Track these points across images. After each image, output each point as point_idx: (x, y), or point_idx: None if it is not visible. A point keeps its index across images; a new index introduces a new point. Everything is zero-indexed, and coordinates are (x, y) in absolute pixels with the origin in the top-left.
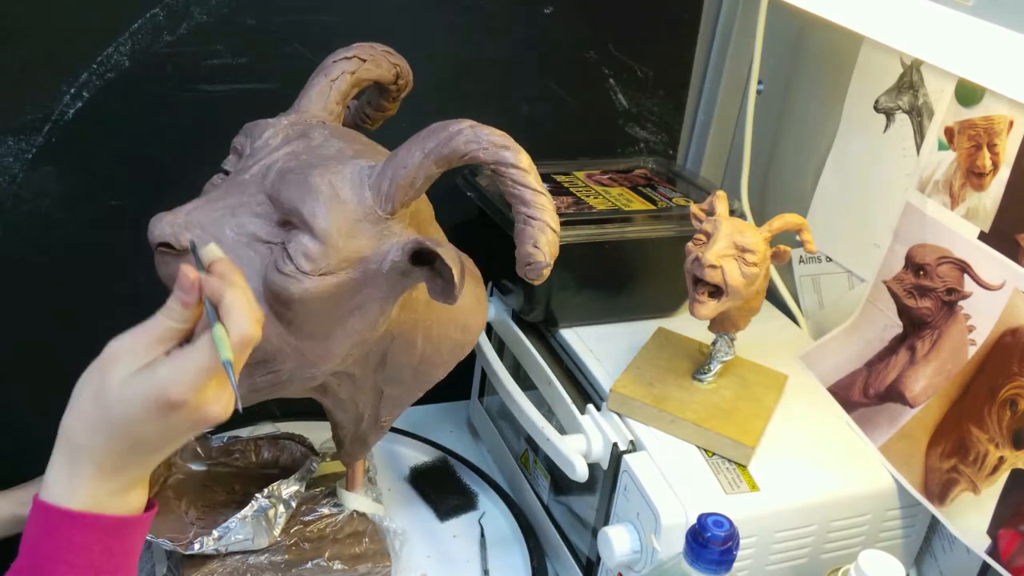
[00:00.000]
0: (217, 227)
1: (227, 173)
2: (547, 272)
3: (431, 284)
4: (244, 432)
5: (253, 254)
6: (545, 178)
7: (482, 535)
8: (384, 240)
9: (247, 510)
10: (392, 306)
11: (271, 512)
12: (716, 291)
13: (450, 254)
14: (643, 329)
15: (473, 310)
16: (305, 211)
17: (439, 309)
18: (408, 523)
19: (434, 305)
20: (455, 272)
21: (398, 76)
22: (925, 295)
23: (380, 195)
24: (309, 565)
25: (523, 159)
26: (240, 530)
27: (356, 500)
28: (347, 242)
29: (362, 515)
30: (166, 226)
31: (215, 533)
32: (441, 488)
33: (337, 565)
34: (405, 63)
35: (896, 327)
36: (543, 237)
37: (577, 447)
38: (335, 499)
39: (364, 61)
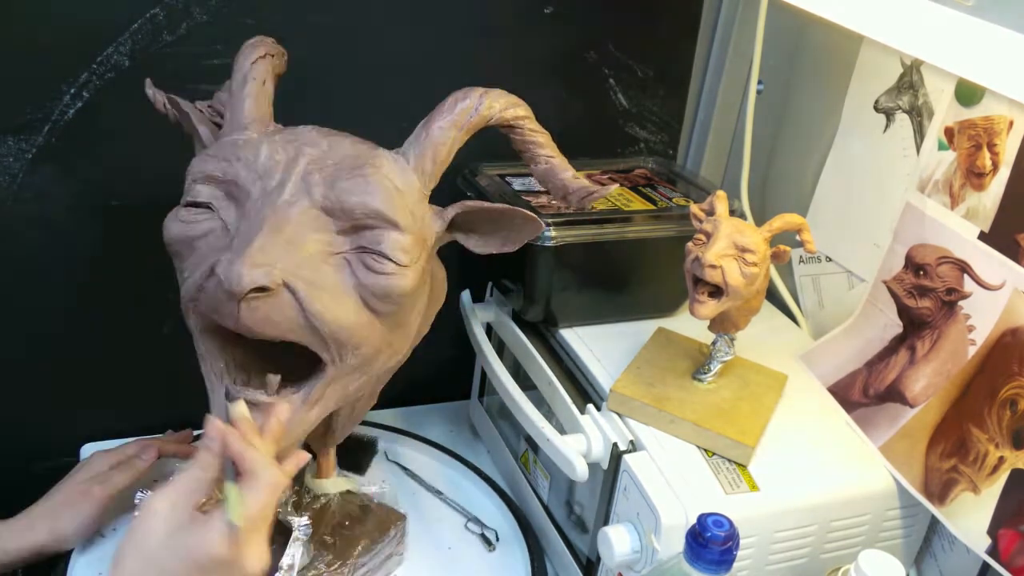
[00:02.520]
0: (291, 255)
1: (204, 205)
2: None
3: (468, 241)
4: None
5: (332, 269)
6: None
7: (403, 468)
8: (427, 215)
9: (298, 534)
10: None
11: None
12: (716, 291)
13: (506, 206)
14: (643, 329)
15: (443, 278)
16: (384, 209)
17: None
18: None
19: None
20: (530, 216)
21: (284, 65)
22: (925, 295)
23: (425, 176)
24: (359, 548)
25: (528, 109)
26: (304, 554)
27: (337, 483)
28: (417, 226)
29: (347, 492)
30: (253, 270)
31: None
32: (341, 448)
33: (377, 536)
34: (285, 52)
35: (896, 327)
36: (572, 168)
37: (577, 447)
38: (314, 493)
39: (274, 56)
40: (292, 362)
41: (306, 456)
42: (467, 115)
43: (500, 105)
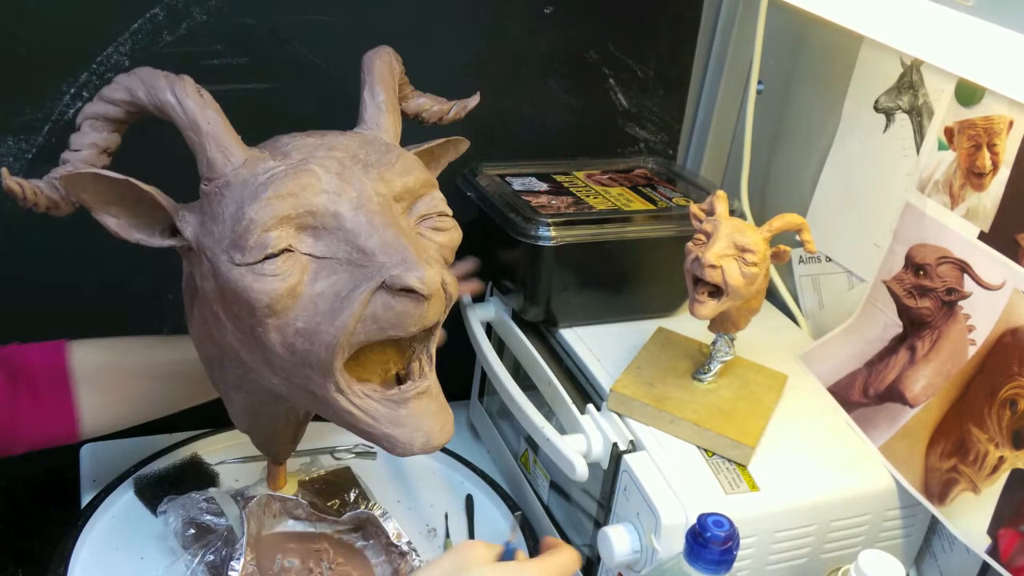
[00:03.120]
0: (427, 250)
1: (286, 251)
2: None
3: None
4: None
5: (425, 243)
6: (545, 178)
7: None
8: None
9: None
10: None
11: None
12: (716, 291)
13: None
14: (643, 329)
15: None
16: (428, 175)
17: None
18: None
19: None
20: (451, 139)
21: None
22: (925, 295)
23: (398, 136)
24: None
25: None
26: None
27: (291, 485)
28: None
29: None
30: (437, 268)
31: None
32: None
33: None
34: None
35: (896, 327)
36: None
37: (577, 447)
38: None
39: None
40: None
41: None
42: (395, 71)
43: (395, 55)
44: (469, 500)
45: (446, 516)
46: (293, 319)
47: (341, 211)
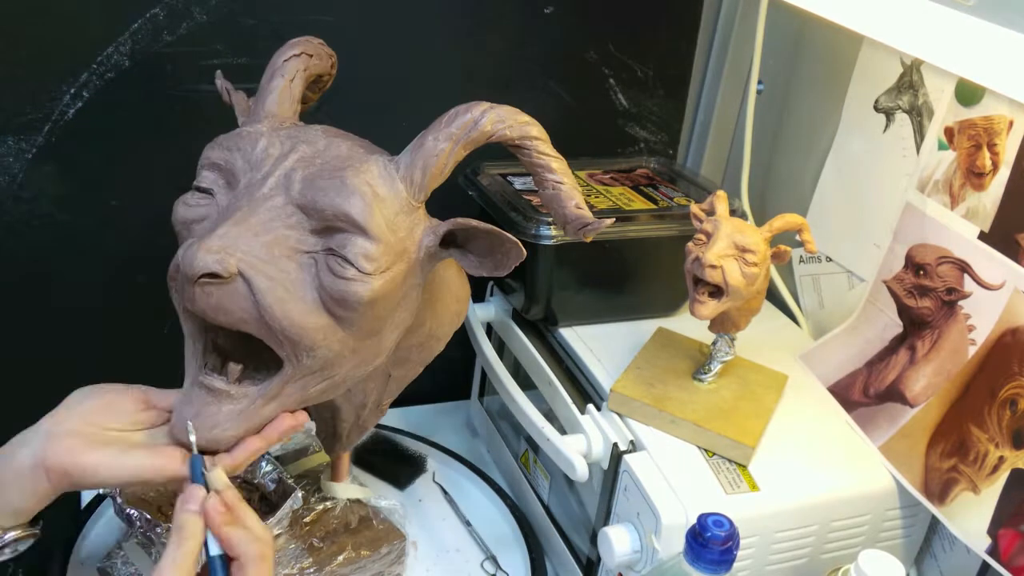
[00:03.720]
0: (253, 246)
1: (207, 191)
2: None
3: (464, 260)
4: None
5: (296, 267)
6: None
7: (444, 492)
8: (416, 228)
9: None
10: (421, 291)
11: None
12: (716, 291)
13: (493, 227)
14: (643, 329)
15: (462, 277)
16: (354, 213)
17: (439, 284)
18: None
19: (435, 281)
20: (514, 240)
21: (332, 67)
22: (925, 295)
23: (414, 186)
24: (340, 559)
25: (542, 131)
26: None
27: (347, 489)
28: (394, 236)
29: (356, 501)
30: (207, 255)
31: None
32: (389, 459)
33: (364, 552)
34: (334, 54)
35: (896, 327)
36: (579, 197)
37: (577, 447)
38: (322, 493)
39: (311, 56)
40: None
41: (254, 449)
42: (466, 129)
43: (506, 123)
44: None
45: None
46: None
47: (241, 181)
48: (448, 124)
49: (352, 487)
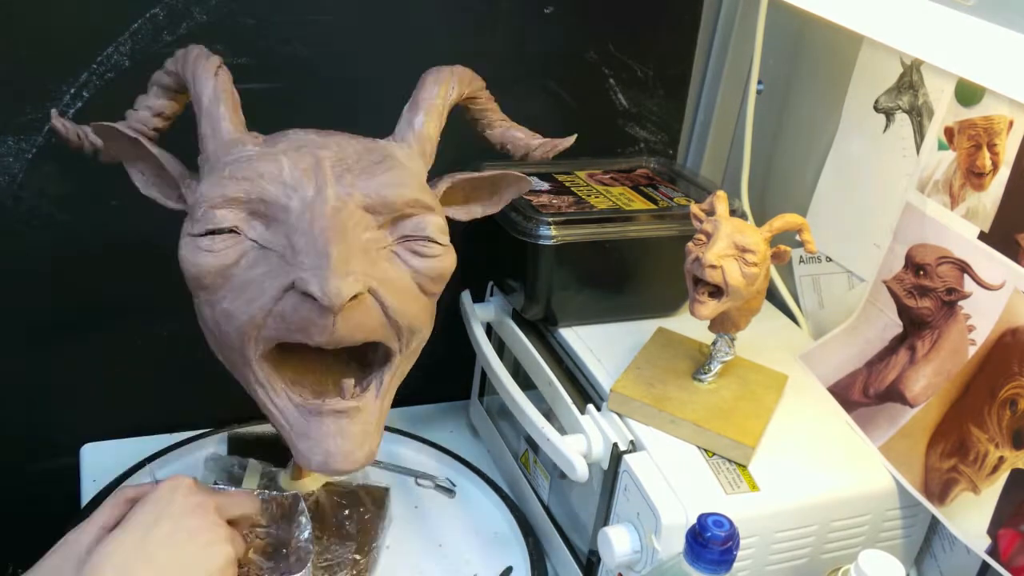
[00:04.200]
0: (361, 259)
1: (230, 231)
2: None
3: (451, 211)
4: None
5: (389, 264)
6: (547, 177)
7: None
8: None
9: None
10: None
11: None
12: (716, 291)
13: (490, 172)
14: (643, 329)
15: None
16: (420, 196)
17: None
18: None
19: None
20: (513, 171)
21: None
22: (925, 295)
23: (426, 157)
24: (378, 532)
25: (483, 81)
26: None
27: (316, 479)
28: (438, 206)
29: (327, 483)
30: (343, 281)
31: None
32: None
33: (379, 515)
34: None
35: (896, 327)
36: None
37: (577, 447)
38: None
39: (223, 66)
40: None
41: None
42: (447, 93)
43: (468, 79)
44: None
45: None
46: (221, 297)
47: (291, 205)
48: (431, 93)
49: (314, 476)
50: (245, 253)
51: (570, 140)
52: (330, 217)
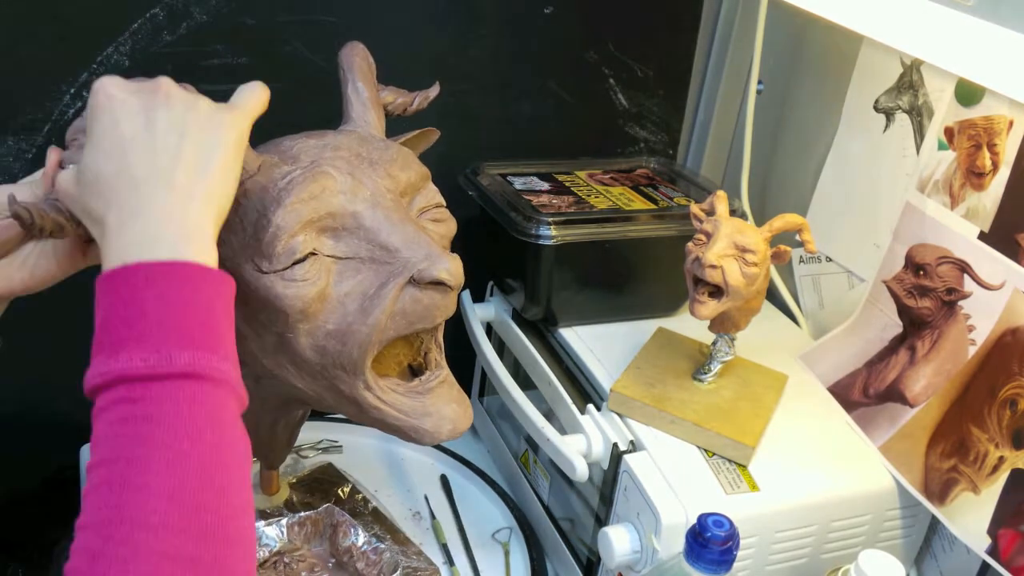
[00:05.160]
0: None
1: (311, 255)
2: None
3: None
4: None
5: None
6: (547, 177)
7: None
8: None
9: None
10: None
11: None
12: (716, 291)
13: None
14: (643, 329)
15: None
16: (423, 168)
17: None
18: None
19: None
20: (427, 130)
21: None
22: (925, 295)
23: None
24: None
25: None
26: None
27: (283, 491)
28: None
29: (293, 484)
30: (455, 261)
31: None
32: None
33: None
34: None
35: (896, 327)
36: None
37: (577, 447)
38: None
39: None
40: None
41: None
42: (372, 70)
43: (368, 53)
44: (444, 480)
45: (426, 498)
46: (323, 322)
47: (359, 210)
48: (365, 72)
49: (285, 486)
50: (330, 271)
51: (435, 90)
52: (397, 209)
